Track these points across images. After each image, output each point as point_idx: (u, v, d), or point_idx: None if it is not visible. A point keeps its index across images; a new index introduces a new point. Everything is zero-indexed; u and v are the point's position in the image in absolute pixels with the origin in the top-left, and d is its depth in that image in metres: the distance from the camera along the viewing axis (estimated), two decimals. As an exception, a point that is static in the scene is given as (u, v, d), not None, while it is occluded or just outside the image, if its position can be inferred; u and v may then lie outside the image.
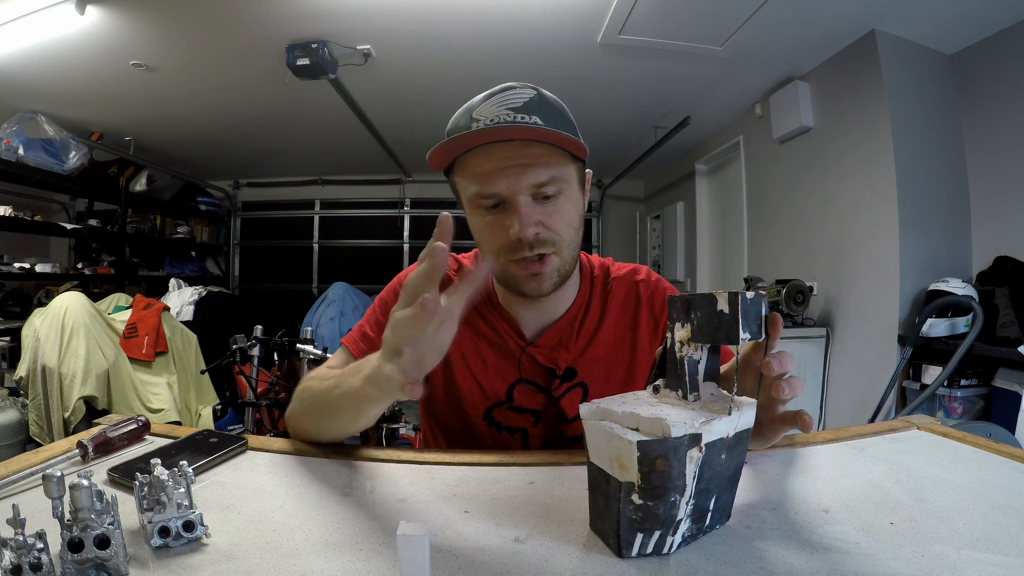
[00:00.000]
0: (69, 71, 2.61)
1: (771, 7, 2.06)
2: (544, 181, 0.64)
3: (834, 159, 2.61)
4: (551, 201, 0.66)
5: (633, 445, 0.37)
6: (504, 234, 0.66)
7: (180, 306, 3.35)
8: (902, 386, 2.28)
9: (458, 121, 0.67)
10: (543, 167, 0.64)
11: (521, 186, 0.64)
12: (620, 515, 0.39)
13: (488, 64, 2.60)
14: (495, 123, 0.62)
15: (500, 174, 0.64)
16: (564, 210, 0.67)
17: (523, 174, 0.64)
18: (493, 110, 0.64)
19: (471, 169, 0.66)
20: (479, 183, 0.65)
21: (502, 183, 0.64)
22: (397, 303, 0.47)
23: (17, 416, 2.16)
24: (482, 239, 0.70)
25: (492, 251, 0.69)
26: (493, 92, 0.66)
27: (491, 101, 0.65)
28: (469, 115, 0.65)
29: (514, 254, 0.67)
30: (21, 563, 0.34)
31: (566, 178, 0.67)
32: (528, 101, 0.64)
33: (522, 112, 0.63)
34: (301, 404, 0.68)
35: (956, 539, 0.42)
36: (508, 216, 0.65)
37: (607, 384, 0.76)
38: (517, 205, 0.64)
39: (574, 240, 0.70)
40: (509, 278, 0.70)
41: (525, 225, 0.64)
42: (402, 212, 5.18)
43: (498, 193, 0.65)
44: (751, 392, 0.47)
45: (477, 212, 0.68)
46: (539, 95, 0.66)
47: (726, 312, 0.40)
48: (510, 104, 0.64)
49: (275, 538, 0.43)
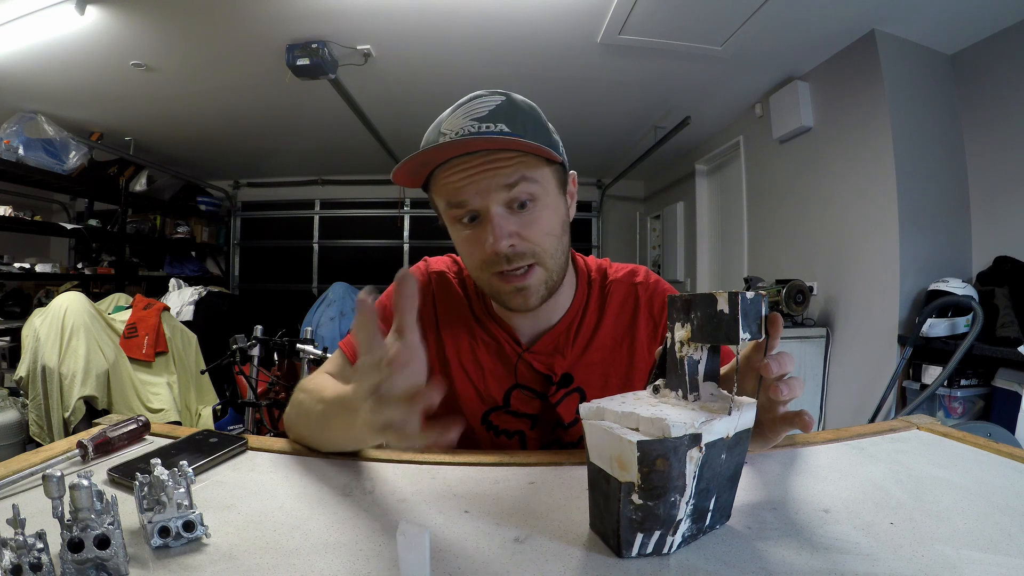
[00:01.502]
0: (69, 71, 2.61)
1: (771, 7, 2.07)
2: (513, 184, 0.62)
3: (834, 159, 2.61)
4: (527, 210, 0.64)
5: (633, 445, 0.37)
6: (482, 248, 0.64)
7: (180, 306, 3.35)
8: (902, 386, 2.28)
9: (429, 136, 0.66)
10: (513, 170, 0.62)
11: (491, 196, 0.62)
12: (620, 515, 0.39)
13: (488, 64, 2.60)
14: (460, 135, 0.61)
15: (469, 186, 0.62)
16: (541, 218, 0.65)
17: (491, 181, 0.62)
18: (459, 122, 0.62)
19: (441, 183, 0.65)
20: (449, 196, 0.64)
21: (471, 194, 0.63)
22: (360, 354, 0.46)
23: (17, 416, 2.16)
24: (462, 254, 0.70)
25: (474, 266, 0.68)
26: (460, 103, 0.65)
27: (457, 113, 0.64)
28: (438, 130, 0.64)
29: (493, 267, 0.65)
30: (21, 563, 0.34)
31: (541, 183, 0.64)
32: (494, 108, 0.63)
33: (487, 121, 0.62)
34: (298, 417, 0.66)
35: (956, 539, 0.42)
36: (484, 229, 0.64)
37: (604, 389, 0.76)
38: (490, 217, 0.63)
39: (557, 248, 0.67)
40: (495, 293, 0.69)
41: (499, 237, 0.62)
42: (402, 212, 5.18)
43: (468, 203, 0.63)
44: (751, 392, 0.47)
45: (455, 227, 0.68)
46: (508, 100, 0.65)
47: (726, 312, 0.40)
48: (475, 114, 0.62)
49: (275, 538, 0.43)
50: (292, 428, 0.68)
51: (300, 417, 0.66)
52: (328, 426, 0.58)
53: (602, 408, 0.42)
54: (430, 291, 0.80)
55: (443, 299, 0.79)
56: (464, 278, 0.81)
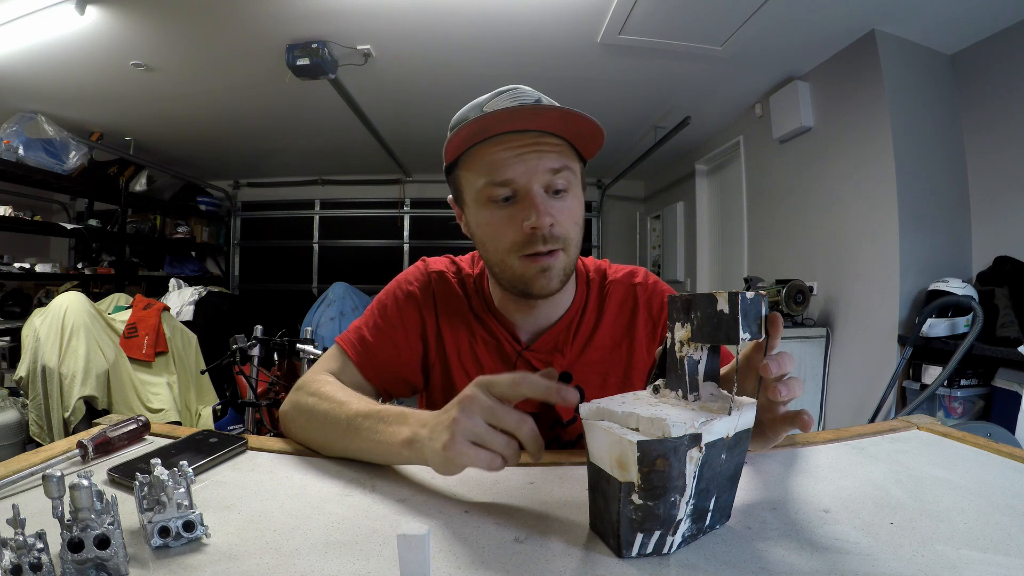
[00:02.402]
0: (69, 71, 2.61)
1: (771, 7, 2.06)
2: (559, 168, 0.64)
3: (834, 159, 2.61)
4: (561, 197, 0.66)
5: (633, 445, 0.37)
6: (516, 228, 0.64)
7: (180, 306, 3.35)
8: (902, 386, 2.28)
9: (466, 115, 0.67)
10: (558, 156, 0.64)
11: (537, 174, 0.63)
12: (620, 515, 0.39)
13: (488, 64, 2.60)
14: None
15: (516, 160, 0.63)
16: (572, 207, 0.67)
17: (540, 160, 0.63)
18: (507, 104, 0.64)
19: (482, 158, 0.65)
20: (492, 172, 0.64)
21: (519, 168, 0.63)
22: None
23: (17, 416, 2.16)
24: (490, 236, 0.67)
25: (502, 248, 0.67)
26: (501, 91, 0.67)
27: (501, 97, 0.65)
28: (480, 109, 0.65)
29: (526, 248, 0.65)
30: (21, 563, 0.34)
31: (576, 172, 0.67)
32: (538, 99, 0.66)
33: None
34: (308, 421, 0.64)
35: (956, 539, 0.42)
36: (521, 209, 0.64)
37: (603, 388, 0.76)
38: (532, 195, 0.63)
39: (578, 239, 0.69)
40: (517, 278, 0.68)
41: (543, 213, 0.62)
42: (402, 212, 5.18)
43: (514, 180, 0.63)
44: (751, 393, 0.47)
45: (486, 208, 0.66)
46: (541, 98, 0.68)
47: (726, 312, 0.40)
48: (521, 99, 0.65)
49: (275, 538, 0.43)
50: (298, 431, 0.66)
51: (312, 421, 0.64)
52: (357, 436, 0.58)
53: (602, 408, 0.42)
54: (430, 290, 0.79)
55: (443, 298, 0.79)
56: (463, 277, 0.81)
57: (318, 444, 0.63)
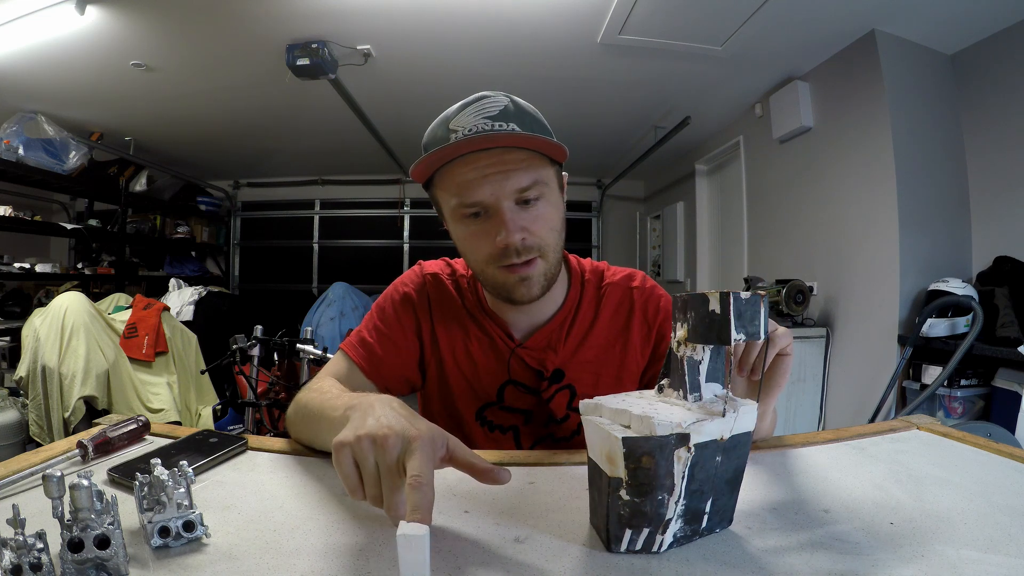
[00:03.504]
0: (69, 71, 2.61)
1: (771, 7, 2.06)
2: (527, 185, 0.65)
3: (834, 159, 2.61)
4: (533, 206, 0.66)
5: (619, 441, 0.38)
6: (489, 242, 0.66)
7: (180, 306, 3.35)
8: (902, 386, 2.28)
9: (435, 132, 0.67)
10: (524, 172, 0.64)
11: (504, 192, 0.64)
12: (609, 510, 0.40)
13: (488, 64, 2.60)
14: (475, 132, 0.62)
15: (482, 182, 0.64)
16: (546, 214, 0.68)
17: (506, 180, 0.64)
18: (470, 120, 0.64)
19: (452, 179, 0.66)
20: (461, 193, 0.65)
21: (485, 191, 0.64)
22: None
23: (17, 416, 2.15)
24: (467, 250, 0.71)
25: (480, 260, 0.69)
26: (468, 102, 0.66)
27: (467, 111, 0.65)
28: (446, 126, 0.66)
29: (502, 260, 0.67)
30: (21, 563, 0.34)
31: (546, 182, 0.67)
32: (503, 109, 0.65)
33: (499, 120, 0.64)
34: (304, 421, 0.65)
35: (956, 539, 0.42)
36: (492, 224, 0.66)
37: (595, 387, 0.77)
38: (502, 212, 0.64)
39: (557, 243, 0.70)
40: (498, 287, 0.70)
41: (512, 231, 0.64)
42: (402, 212, 5.18)
43: (481, 201, 0.65)
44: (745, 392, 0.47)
45: (460, 223, 0.69)
46: (513, 102, 0.67)
47: (717, 312, 0.40)
48: (486, 113, 0.64)
49: (275, 538, 0.43)
50: (297, 432, 0.67)
51: (307, 421, 0.64)
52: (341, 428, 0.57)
53: (600, 404, 0.43)
54: (425, 292, 0.81)
55: (437, 298, 0.81)
56: (457, 278, 0.82)
57: (319, 444, 0.63)
